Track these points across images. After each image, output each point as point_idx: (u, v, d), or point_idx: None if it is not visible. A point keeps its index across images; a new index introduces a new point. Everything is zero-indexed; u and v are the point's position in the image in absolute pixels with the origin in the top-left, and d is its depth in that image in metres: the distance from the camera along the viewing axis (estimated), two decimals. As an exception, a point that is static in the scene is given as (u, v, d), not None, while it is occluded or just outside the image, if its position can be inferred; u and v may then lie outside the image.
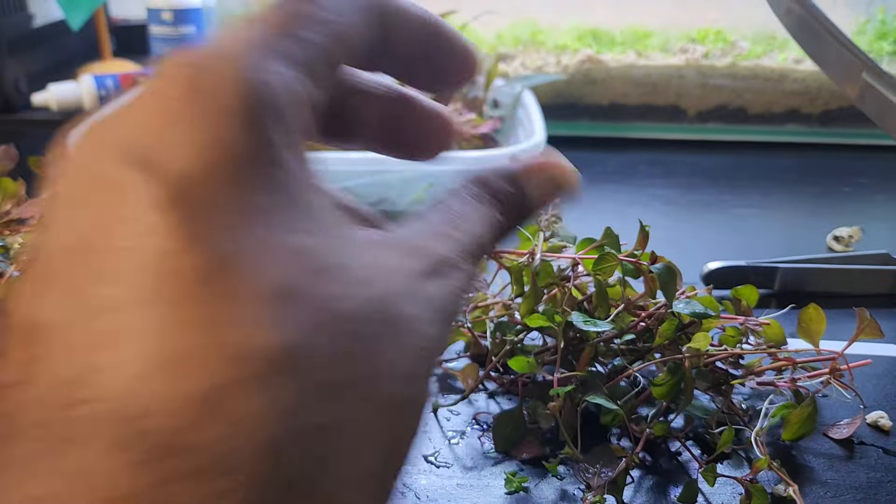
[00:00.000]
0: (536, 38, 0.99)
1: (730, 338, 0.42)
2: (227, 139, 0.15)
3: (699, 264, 0.57)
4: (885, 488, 0.38)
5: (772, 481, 0.38)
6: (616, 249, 0.41)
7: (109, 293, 0.14)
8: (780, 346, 0.42)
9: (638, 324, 0.41)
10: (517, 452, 0.40)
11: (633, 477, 0.38)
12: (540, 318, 0.39)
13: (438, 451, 0.40)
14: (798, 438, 0.40)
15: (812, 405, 0.40)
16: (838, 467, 0.39)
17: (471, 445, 0.41)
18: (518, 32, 1.01)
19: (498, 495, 0.37)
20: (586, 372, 0.40)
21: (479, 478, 0.38)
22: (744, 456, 0.40)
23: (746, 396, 0.44)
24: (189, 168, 0.15)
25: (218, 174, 0.15)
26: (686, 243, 0.64)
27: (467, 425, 0.42)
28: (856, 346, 0.39)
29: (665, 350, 0.40)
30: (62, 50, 1.13)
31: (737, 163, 0.87)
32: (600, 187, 0.78)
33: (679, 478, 0.38)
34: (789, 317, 0.42)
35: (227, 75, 0.16)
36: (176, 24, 1.01)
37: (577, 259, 0.41)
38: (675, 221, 0.71)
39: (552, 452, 0.39)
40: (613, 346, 0.42)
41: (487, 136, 0.75)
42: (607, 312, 0.40)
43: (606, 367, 0.43)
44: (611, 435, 0.41)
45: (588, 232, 0.43)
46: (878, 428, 0.42)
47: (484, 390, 0.45)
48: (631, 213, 0.73)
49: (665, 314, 0.40)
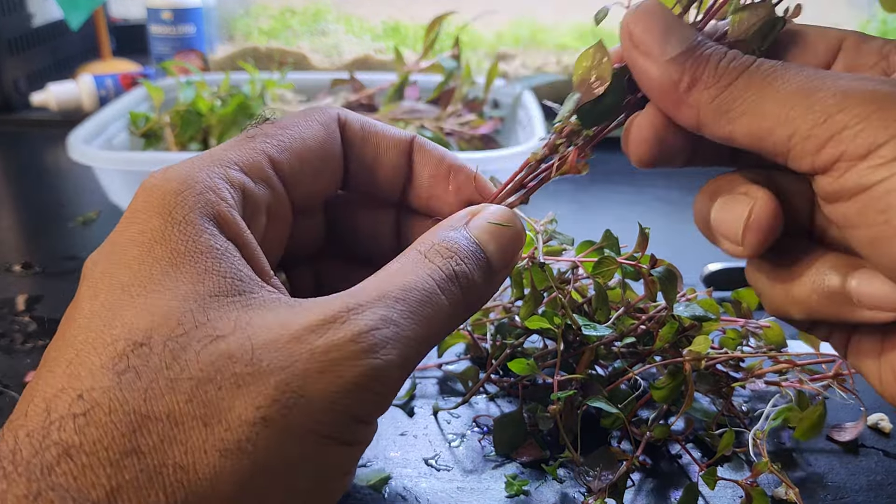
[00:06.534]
0: (537, 37, 0.99)
1: (730, 340, 0.42)
2: (145, 228, 0.23)
3: (700, 265, 0.57)
4: (885, 491, 0.38)
5: (772, 484, 0.38)
6: (616, 252, 0.41)
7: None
8: (780, 348, 0.42)
9: (638, 327, 0.41)
10: (517, 455, 0.40)
11: (634, 480, 0.38)
12: (540, 320, 0.39)
13: (438, 454, 0.40)
14: (808, 438, 0.40)
15: (821, 407, 0.40)
16: (839, 470, 0.39)
17: (471, 448, 0.40)
18: (518, 32, 1.01)
19: (498, 499, 0.37)
20: (586, 375, 0.40)
21: (479, 481, 0.38)
22: (744, 459, 0.40)
23: (747, 399, 0.44)
24: (114, 247, 0.23)
25: (131, 253, 0.22)
26: (686, 244, 0.64)
27: (467, 428, 0.42)
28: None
29: (665, 353, 0.40)
30: (61, 49, 1.13)
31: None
32: (601, 188, 0.78)
33: (679, 481, 0.38)
34: (790, 319, 0.42)
35: (162, 186, 0.23)
36: (175, 24, 1.01)
37: (576, 262, 0.41)
38: (676, 222, 0.70)
39: (552, 455, 0.39)
40: (614, 349, 0.42)
41: (487, 136, 0.75)
42: (607, 315, 0.40)
43: (607, 369, 0.43)
44: (611, 438, 0.41)
45: (588, 233, 0.43)
46: (879, 430, 0.42)
47: (484, 393, 0.45)
48: (631, 213, 0.73)
49: (665, 317, 0.40)
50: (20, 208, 0.75)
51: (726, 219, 0.26)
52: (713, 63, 0.24)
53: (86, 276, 0.23)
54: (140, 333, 0.20)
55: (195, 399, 0.20)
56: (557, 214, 0.41)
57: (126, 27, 1.25)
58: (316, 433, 0.21)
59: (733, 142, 0.25)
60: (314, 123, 0.28)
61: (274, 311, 0.22)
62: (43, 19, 1.08)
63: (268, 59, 0.99)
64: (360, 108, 0.78)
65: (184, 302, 0.21)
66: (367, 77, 0.84)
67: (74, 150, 0.64)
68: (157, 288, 0.21)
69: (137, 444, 0.19)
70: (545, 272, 0.39)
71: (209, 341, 0.21)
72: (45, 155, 0.89)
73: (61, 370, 0.20)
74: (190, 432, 0.19)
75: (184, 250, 0.22)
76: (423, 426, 0.42)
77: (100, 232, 0.68)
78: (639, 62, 0.25)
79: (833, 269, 0.25)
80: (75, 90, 0.98)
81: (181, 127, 0.73)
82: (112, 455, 0.19)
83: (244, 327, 0.21)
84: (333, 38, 1.03)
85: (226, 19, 1.08)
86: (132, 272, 0.22)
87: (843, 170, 0.23)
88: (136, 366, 0.20)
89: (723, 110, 0.24)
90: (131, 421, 0.19)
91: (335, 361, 0.21)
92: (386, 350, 0.22)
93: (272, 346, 0.21)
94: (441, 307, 0.24)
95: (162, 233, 0.22)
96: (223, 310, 0.21)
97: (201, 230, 0.23)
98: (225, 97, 0.77)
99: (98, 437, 0.19)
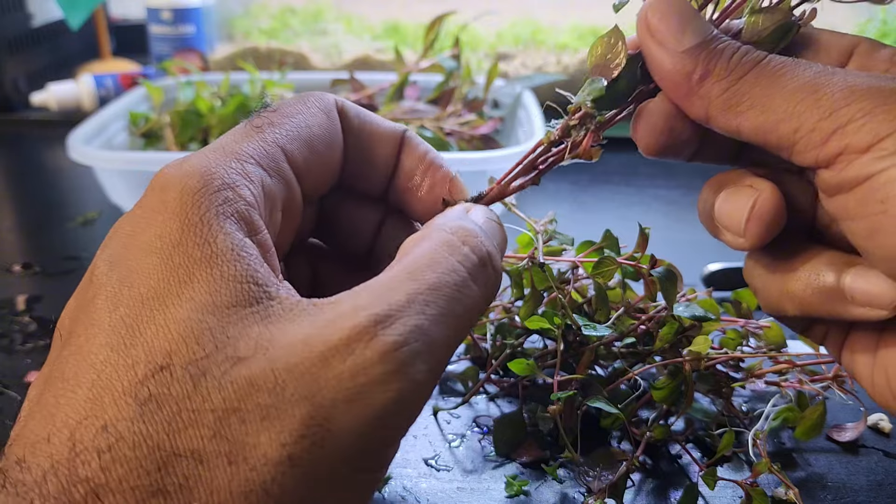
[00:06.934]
0: (537, 37, 0.99)
1: (730, 340, 0.42)
2: (162, 232, 0.22)
3: (700, 265, 0.57)
4: (885, 491, 0.38)
5: (772, 484, 0.38)
6: (616, 252, 0.41)
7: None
8: (780, 349, 0.42)
9: (638, 327, 0.41)
10: (517, 456, 0.40)
11: (634, 480, 0.38)
12: (540, 320, 0.39)
13: (438, 455, 0.40)
14: (810, 438, 0.40)
15: (822, 407, 0.40)
16: (838, 470, 0.39)
17: (471, 448, 0.40)
18: (518, 32, 1.01)
19: (498, 499, 0.37)
20: (586, 375, 0.40)
21: (479, 481, 0.38)
22: (744, 459, 0.40)
23: (747, 399, 0.44)
24: (129, 251, 0.22)
25: (149, 261, 0.21)
26: (687, 244, 0.64)
27: (467, 428, 0.42)
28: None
29: (665, 353, 0.40)
30: (61, 49, 1.13)
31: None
32: (600, 188, 0.78)
33: (679, 481, 0.38)
34: (790, 319, 0.42)
35: (179, 184, 0.22)
36: (175, 24, 1.01)
37: (576, 262, 0.41)
38: (676, 222, 0.70)
39: (552, 456, 0.39)
40: (614, 350, 0.42)
41: (487, 136, 0.75)
42: (607, 315, 0.40)
43: (607, 370, 0.43)
44: (611, 438, 0.41)
45: (588, 233, 0.43)
46: (879, 430, 0.42)
47: (484, 393, 0.45)
48: (631, 213, 0.72)
49: (665, 317, 0.40)
50: (20, 208, 0.75)
51: (730, 210, 0.26)
52: (726, 57, 0.25)
53: (102, 282, 0.21)
54: (160, 356, 0.20)
55: (219, 434, 0.19)
56: (557, 214, 0.41)
57: (126, 27, 1.25)
58: (344, 467, 0.20)
59: (740, 135, 0.25)
60: (316, 110, 0.27)
61: (295, 323, 0.21)
62: (43, 19, 1.08)
63: (268, 58, 0.99)
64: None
65: (202, 315, 0.20)
66: (367, 77, 0.84)
67: (74, 150, 0.64)
68: (174, 301, 0.20)
69: (163, 483, 0.18)
70: (545, 272, 0.39)
71: (230, 365, 0.20)
72: (45, 155, 0.89)
73: (83, 394, 0.20)
74: (215, 471, 0.19)
75: (200, 256, 0.21)
76: (423, 426, 0.42)
77: (100, 232, 0.68)
78: (653, 51, 0.26)
79: (829, 265, 0.26)
80: (75, 90, 0.98)
81: (181, 127, 0.73)
82: (139, 496, 0.18)
83: (266, 347, 0.20)
84: (333, 38, 1.03)
85: (225, 19, 1.08)
86: (150, 284, 0.21)
87: (846, 162, 0.23)
88: (156, 395, 0.19)
89: (731, 104, 0.25)
90: (156, 458, 0.19)
91: (364, 388, 0.20)
92: (416, 366, 0.20)
93: (296, 372, 0.20)
94: (473, 298, 0.23)
95: (180, 238, 0.21)
96: (242, 324, 0.20)
97: (217, 231, 0.22)
98: (225, 97, 0.77)
99: (124, 476, 0.18)
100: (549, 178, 0.30)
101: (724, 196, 0.27)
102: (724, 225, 0.27)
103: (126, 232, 0.22)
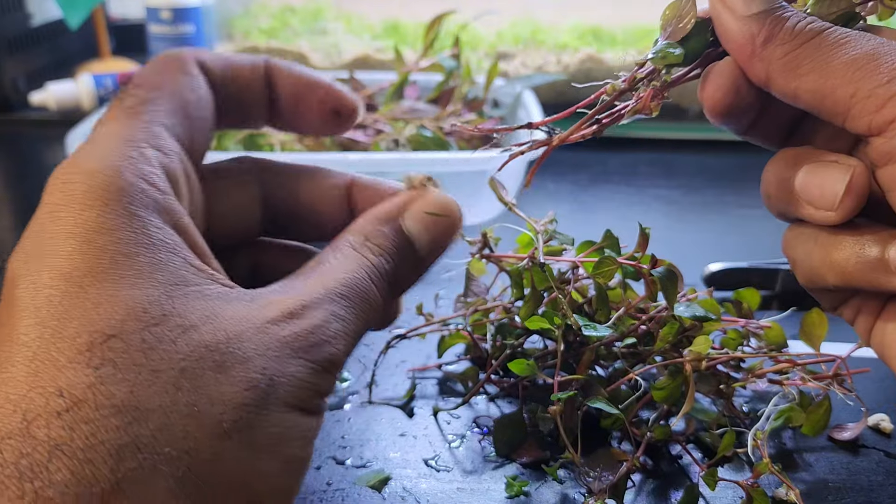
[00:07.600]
0: (537, 36, 0.99)
1: (731, 341, 0.42)
2: (78, 220, 0.21)
3: (700, 265, 0.56)
4: (886, 491, 0.38)
5: (773, 485, 0.38)
6: (616, 252, 0.41)
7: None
8: (781, 349, 0.42)
9: (639, 327, 0.41)
10: (518, 456, 0.40)
11: (634, 481, 0.38)
12: (540, 321, 0.39)
13: (438, 455, 0.40)
14: (817, 433, 0.40)
15: (827, 402, 0.40)
16: (839, 470, 0.39)
17: (471, 449, 0.40)
18: (518, 31, 1.01)
19: (498, 499, 0.37)
20: (587, 375, 0.40)
21: (479, 482, 0.38)
22: (745, 459, 0.39)
23: (748, 399, 0.44)
24: (42, 241, 0.22)
25: (68, 245, 0.21)
26: (687, 244, 0.64)
27: (467, 429, 0.42)
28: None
29: (666, 353, 0.40)
30: (60, 49, 1.13)
31: (739, 163, 0.86)
32: (600, 188, 0.78)
33: (680, 481, 0.38)
34: (791, 319, 0.42)
35: (83, 181, 0.22)
36: (175, 23, 1.01)
37: (577, 262, 0.41)
38: (677, 222, 0.70)
39: (553, 456, 0.39)
40: (614, 350, 0.42)
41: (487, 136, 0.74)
42: (608, 316, 0.40)
43: (607, 370, 0.43)
44: (611, 438, 0.41)
45: (589, 233, 0.43)
46: (880, 431, 0.42)
47: (484, 394, 0.45)
48: (632, 213, 0.72)
49: (666, 317, 0.39)
50: (20, 208, 0.75)
51: (818, 184, 0.27)
52: (791, 24, 0.26)
53: (20, 273, 0.21)
54: (105, 326, 0.20)
55: (183, 388, 0.20)
56: (557, 214, 0.41)
57: (125, 26, 1.25)
58: (294, 407, 0.23)
59: (797, 99, 0.26)
60: (180, 75, 0.26)
61: (233, 305, 0.23)
62: (42, 19, 1.08)
63: (267, 58, 0.99)
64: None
65: (145, 291, 0.21)
66: (367, 76, 0.84)
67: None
68: (107, 278, 0.21)
69: (135, 435, 0.19)
70: (545, 272, 0.39)
71: (181, 331, 0.21)
72: (44, 154, 0.89)
73: (21, 370, 0.20)
74: (186, 419, 0.20)
75: (134, 241, 0.21)
76: (423, 427, 0.42)
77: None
78: (721, 14, 0.27)
79: (874, 238, 0.26)
80: (74, 90, 0.97)
81: (180, 126, 0.73)
82: (110, 448, 0.19)
83: (213, 319, 0.22)
84: (333, 37, 1.03)
85: (225, 18, 1.08)
86: (75, 263, 0.21)
87: None
88: (111, 359, 0.20)
89: (792, 66, 0.26)
90: (123, 416, 0.19)
91: (302, 349, 0.23)
92: (337, 341, 0.24)
93: (243, 337, 0.22)
94: (375, 301, 0.26)
95: (101, 224, 0.21)
96: (186, 299, 0.22)
97: (147, 223, 0.22)
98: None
99: (91, 432, 0.19)
100: (549, 178, 0.30)
101: (810, 170, 0.28)
102: (810, 198, 0.27)
103: (34, 230, 0.22)
